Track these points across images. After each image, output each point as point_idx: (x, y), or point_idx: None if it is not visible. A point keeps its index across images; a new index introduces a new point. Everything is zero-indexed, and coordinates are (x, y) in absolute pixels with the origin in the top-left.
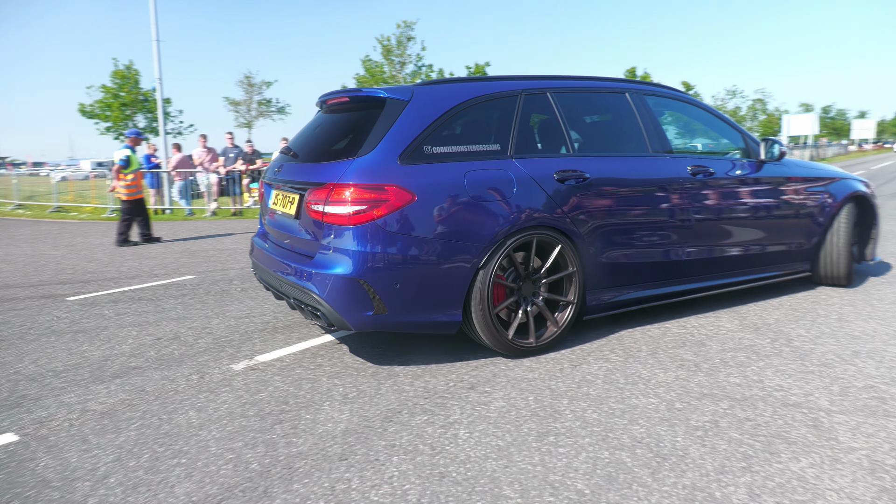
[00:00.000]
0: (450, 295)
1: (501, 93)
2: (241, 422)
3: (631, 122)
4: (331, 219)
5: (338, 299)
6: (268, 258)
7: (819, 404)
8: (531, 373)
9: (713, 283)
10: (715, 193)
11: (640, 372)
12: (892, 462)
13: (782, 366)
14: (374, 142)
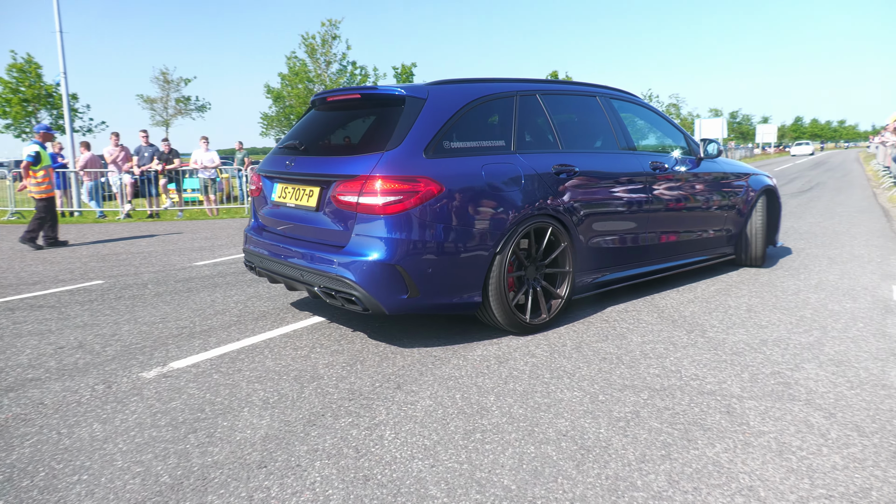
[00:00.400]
0: (472, 279)
1: (500, 93)
2: (151, 432)
3: (602, 122)
4: (365, 209)
5: (374, 284)
6: (276, 249)
7: (731, 391)
8: (458, 370)
9: (669, 264)
10: (670, 186)
11: (565, 366)
12: (798, 444)
13: (698, 356)
14: (401, 136)
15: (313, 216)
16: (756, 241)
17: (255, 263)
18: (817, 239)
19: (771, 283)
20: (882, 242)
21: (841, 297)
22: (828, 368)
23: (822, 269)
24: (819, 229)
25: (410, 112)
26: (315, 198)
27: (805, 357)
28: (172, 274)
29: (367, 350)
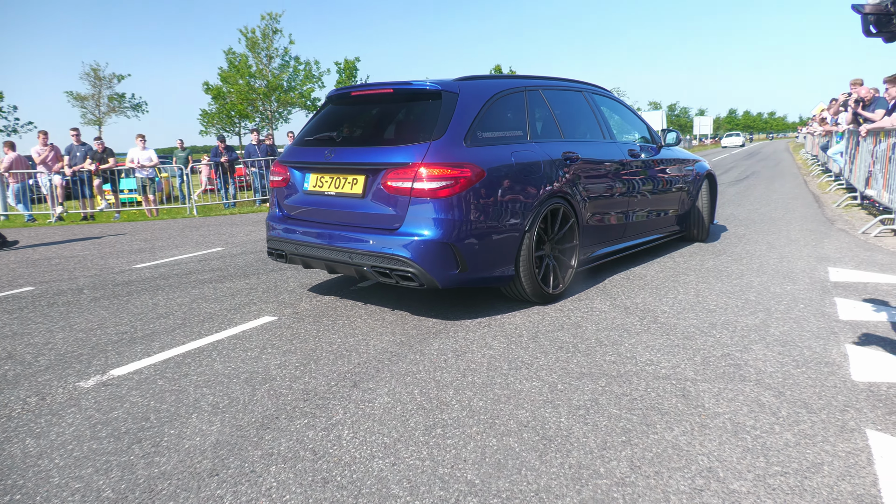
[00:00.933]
0: (508, 254)
1: (514, 88)
2: (90, 445)
3: (589, 114)
4: (419, 193)
5: (430, 261)
6: (315, 235)
7: (686, 375)
8: (415, 366)
9: (641, 240)
10: (643, 171)
11: (523, 356)
12: (752, 423)
13: (651, 341)
14: (444, 127)
15: (359, 202)
16: (703, 218)
17: (285, 250)
18: (756, 225)
19: (716, 268)
20: (815, 227)
21: (782, 280)
22: (774, 349)
23: (763, 253)
24: (757, 216)
25: (447, 105)
26: (360, 185)
27: (752, 339)
28: (110, 278)
29: (320, 349)
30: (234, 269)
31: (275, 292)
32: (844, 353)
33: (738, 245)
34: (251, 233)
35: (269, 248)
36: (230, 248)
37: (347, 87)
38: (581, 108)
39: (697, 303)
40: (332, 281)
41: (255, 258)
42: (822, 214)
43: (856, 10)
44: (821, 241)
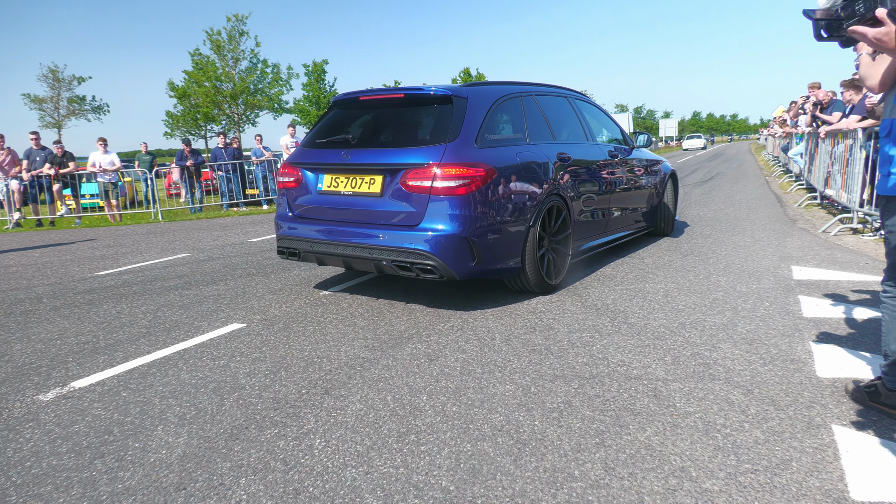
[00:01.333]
0: (515, 247)
1: (512, 94)
2: (50, 461)
3: (573, 118)
4: (438, 191)
5: (449, 254)
6: (330, 232)
7: (657, 375)
8: (388, 371)
9: (618, 235)
10: (621, 170)
11: (496, 360)
12: (722, 422)
13: (622, 342)
14: (457, 130)
15: (377, 201)
16: (667, 214)
17: (298, 248)
18: (721, 225)
19: (684, 268)
20: (778, 226)
21: (747, 279)
22: (742, 347)
23: (729, 252)
24: (723, 216)
25: (458, 109)
26: (378, 185)
27: (721, 337)
28: (71, 286)
29: (290, 356)
30: (201, 275)
31: (243, 298)
32: (809, 350)
33: (705, 245)
34: (219, 237)
35: (281, 247)
36: (197, 253)
37: (355, 92)
38: (567, 113)
39: (667, 302)
40: (302, 286)
41: (222, 264)
42: (784, 214)
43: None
44: (784, 241)
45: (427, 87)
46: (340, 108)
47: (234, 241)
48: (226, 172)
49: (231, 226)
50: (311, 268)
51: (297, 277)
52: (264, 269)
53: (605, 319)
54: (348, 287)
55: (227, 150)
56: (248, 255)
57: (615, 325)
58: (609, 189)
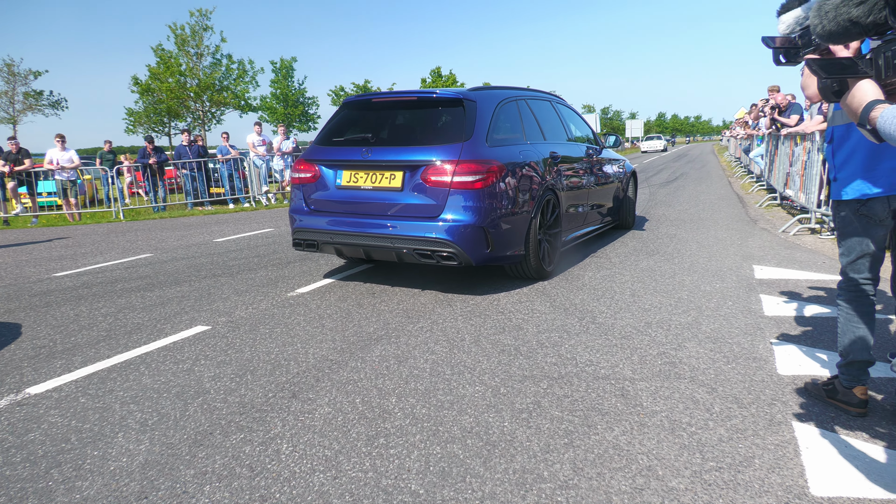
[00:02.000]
0: (520, 236)
1: (509, 97)
2: (3, 472)
3: (555, 119)
4: (458, 185)
5: (467, 242)
6: (351, 224)
7: (624, 374)
8: (356, 374)
9: (592, 228)
10: (595, 168)
11: (465, 361)
12: (687, 420)
13: (590, 342)
14: (470, 130)
15: (397, 195)
16: (632, 208)
17: (317, 240)
18: (686, 225)
19: (650, 268)
20: (740, 227)
21: (711, 279)
22: (706, 346)
23: (693, 252)
24: (687, 216)
25: (470, 111)
26: (399, 180)
27: (686, 336)
28: (27, 287)
29: (257, 358)
30: (164, 276)
31: (208, 300)
32: (770, 348)
33: (671, 245)
34: (183, 237)
35: (298, 239)
36: (160, 253)
37: (366, 94)
38: (551, 115)
39: (633, 302)
40: (269, 287)
41: (186, 264)
42: (745, 214)
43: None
44: (745, 240)
45: (441, 91)
46: (352, 108)
47: (198, 240)
48: (190, 171)
49: (196, 225)
50: (279, 268)
51: (265, 278)
52: (230, 270)
53: (573, 319)
54: (316, 288)
55: (192, 148)
56: (214, 256)
57: (583, 325)
58: (587, 185)
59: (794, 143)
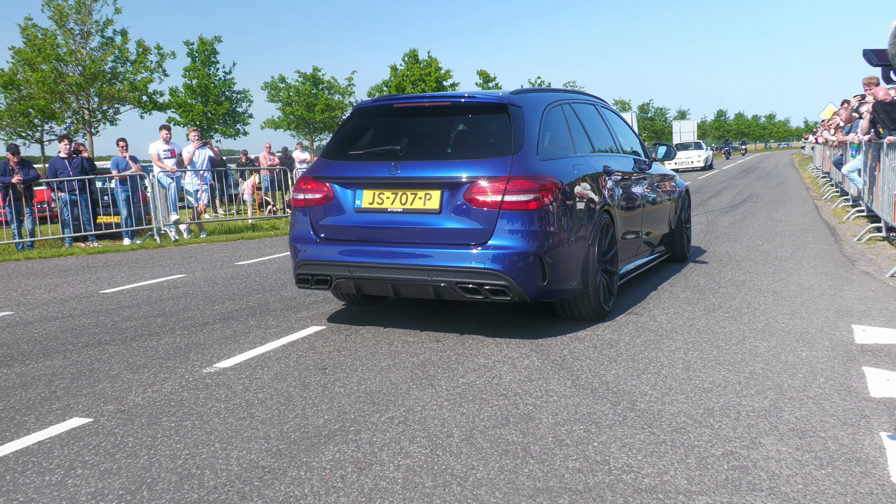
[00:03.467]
0: (578, 267)
1: (555, 101)
2: None
3: (603, 127)
4: (510, 206)
5: (522, 273)
6: (376, 254)
7: (677, 485)
8: (299, 488)
9: (645, 259)
10: (647, 186)
11: (453, 467)
12: None
13: (628, 437)
14: (520, 141)
15: (434, 218)
16: (686, 236)
17: (330, 274)
18: (758, 267)
19: (710, 329)
20: (832, 269)
21: (795, 344)
22: (790, 442)
23: (769, 307)
24: (759, 255)
25: (516, 119)
26: (436, 200)
27: (761, 428)
28: None
29: (157, 465)
30: (28, 343)
31: (90, 379)
32: (880, 446)
33: (737, 296)
34: (57, 287)
35: (304, 274)
36: (24, 311)
37: (386, 97)
38: (597, 121)
39: (687, 379)
40: (178, 359)
41: (61, 327)
42: (839, 252)
43: (869, 60)
44: (841, 289)
45: (480, 94)
46: (366, 116)
47: (78, 292)
48: (70, 192)
49: (76, 270)
50: (192, 332)
51: (171, 347)
52: (122, 336)
53: (604, 404)
54: (245, 361)
55: (73, 161)
56: (100, 314)
57: (618, 413)
58: (640, 205)
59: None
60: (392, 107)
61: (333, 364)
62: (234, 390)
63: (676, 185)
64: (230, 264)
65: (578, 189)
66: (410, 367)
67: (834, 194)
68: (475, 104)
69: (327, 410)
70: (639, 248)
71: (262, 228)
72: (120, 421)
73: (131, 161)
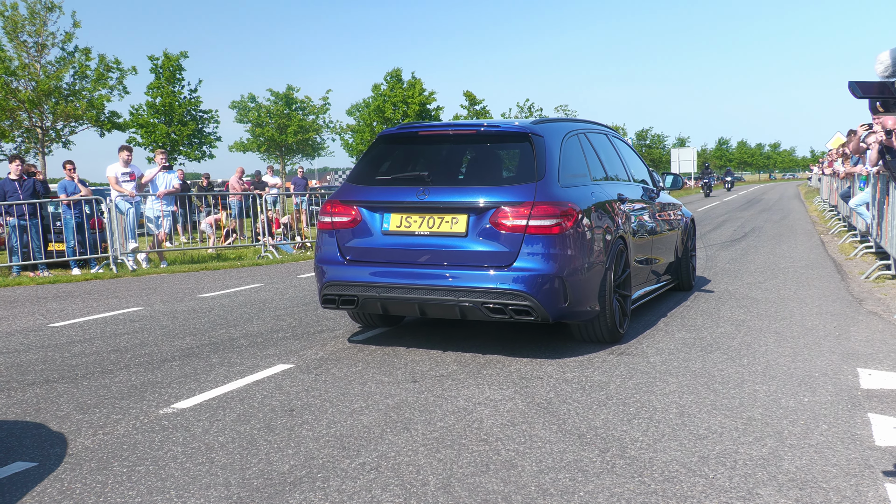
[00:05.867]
0: (595, 290)
1: (571, 131)
2: None
3: (615, 156)
4: (534, 230)
5: (545, 295)
6: (404, 276)
7: None
8: None
9: (654, 286)
10: (657, 214)
11: None
12: None
13: (617, 487)
14: (542, 169)
15: (461, 241)
16: (691, 264)
17: (357, 295)
18: (759, 307)
19: (706, 370)
20: (838, 309)
21: (796, 389)
22: (789, 493)
23: (770, 348)
24: (760, 293)
25: (539, 147)
26: (462, 224)
27: (759, 478)
28: None
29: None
30: None
31: (36, 419)
32: (885, 498)
33: (736, 336)
34: (3, 320)
35: (331, 295)
36: None
37: (410, 125)
38: (609, 150)
39: (681, 425)
40: (132, 398)
41: (4, 362)
42: (846, 290)
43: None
44: (846, 330)
45: (504, 124)
46: (391, 142)
47: (26, 325)
48: (20, 217)
49: (23, 301)
50: (149, 370)
51: (126, 386)
52: (73, 373)
53: (591, 451)
54: (205, 401)
55: (24, 184)
56: (49, 350)
57: (607, 461)
58: (651, 233)
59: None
60: (417, 134)
61: (301, 405)
62: (193, 433)
63: (683, 215)
64: (192, 296)
65: (596, 215)
66: (385, 409)
67: (841, 229)
68: (498, 133)
69: (293, 455)
70: (648, 275)
71: (227, 258)
72: (67, 466)
73: (81, 184)
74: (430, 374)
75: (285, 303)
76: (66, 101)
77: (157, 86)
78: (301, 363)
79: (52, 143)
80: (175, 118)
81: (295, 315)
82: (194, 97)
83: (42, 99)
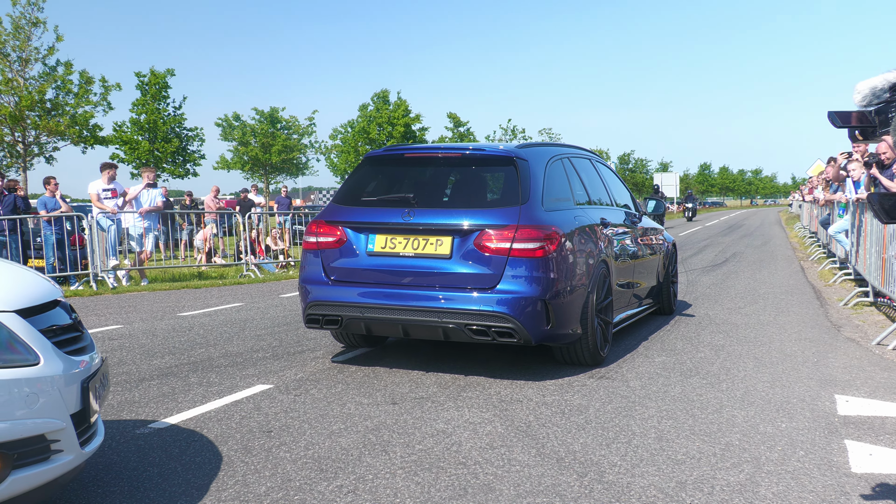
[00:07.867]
0: (578, 312)
1: (555, 155)
2: None
3: (598, 180)
4: (518, 252)
5: (528, 317)
6: (388, 296)
7: None
8: None
9: (637, 310)
10: (639, 238)
11: None
12: None
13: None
14: (526, 192)
15: (444, 263)
16: (672, 289)
17: (341, 315)
18: (739, 332)
19: (685, 396)
20: (816, 335)
21: (774, 414)
22: None
23: (748, 374)
24: (740, 318)
25: (523, 171)
26: (447, 246)
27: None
28: None
29: None
30: None
31: None
32: None
33: (716, 361)
34: None
35: (315, 315)
36: None
37: (396, 147)
38: (593, 175)
39: (660, 450)
40: (109, 418)
41: None
42: (824, 316)
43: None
44: (824, 356)
45: (489, 147)
46: (376, 164)
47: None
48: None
49: None
50: (127, 388)
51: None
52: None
53: (570, 475)
54: (185, 420)
55: (5, 199)
56: None
57: (585, 485)
58: (633, 257)
59: None
60: (403, 156)
61: (280, 426)
62: (170, 453)
63: (665, 239)
64: (172, 315)
65: (579, 239)
66: (363, 431)
67: (821, 255)
68: (483, 156)
69: (270, 477)
70: (630, 298)
71: (209, 277)
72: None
73: (61, 201)
74: (409, 396)
75: (266, 322)
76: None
77: (142, 102)
78: (280, 384)
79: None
80: (159, 135)
81: (275, 335)
82: (178, 114)
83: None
